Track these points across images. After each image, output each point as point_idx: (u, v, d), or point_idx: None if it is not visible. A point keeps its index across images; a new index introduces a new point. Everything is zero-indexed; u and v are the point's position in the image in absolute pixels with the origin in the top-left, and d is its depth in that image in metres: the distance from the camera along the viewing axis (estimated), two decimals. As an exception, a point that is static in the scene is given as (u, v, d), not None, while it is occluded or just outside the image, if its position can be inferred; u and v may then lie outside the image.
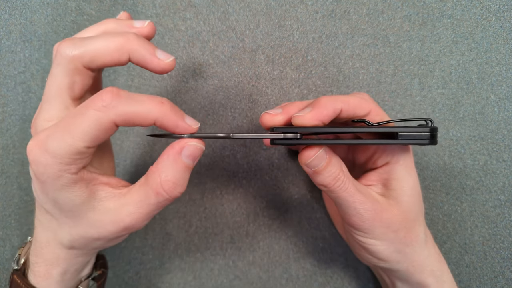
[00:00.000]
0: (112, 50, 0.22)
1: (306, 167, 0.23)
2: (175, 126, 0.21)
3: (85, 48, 0.21)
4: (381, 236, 0.25)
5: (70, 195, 0.21)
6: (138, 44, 0.22)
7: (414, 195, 0.26)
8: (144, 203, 0.22)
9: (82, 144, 0.20)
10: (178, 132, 0.22)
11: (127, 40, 0.22)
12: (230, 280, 0.35)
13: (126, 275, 0.36)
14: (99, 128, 0.20)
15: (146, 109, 0.20)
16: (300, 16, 0.36)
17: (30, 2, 0.37)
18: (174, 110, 0.21)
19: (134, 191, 0.22)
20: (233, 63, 0.36)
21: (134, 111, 0.20)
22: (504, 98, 0.35)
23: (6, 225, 0.36)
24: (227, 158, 0.36)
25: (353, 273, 0.35)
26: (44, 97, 0.23)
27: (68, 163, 0.20)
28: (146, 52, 0.22)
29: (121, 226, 0.22)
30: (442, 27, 0.35)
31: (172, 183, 0.21)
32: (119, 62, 0.22)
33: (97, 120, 0.19)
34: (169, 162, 0.22)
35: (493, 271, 0.34)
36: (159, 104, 0.21)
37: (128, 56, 0.22)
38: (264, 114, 0.24)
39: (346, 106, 0.23)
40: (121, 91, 0.20)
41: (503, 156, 0.34)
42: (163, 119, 0.21)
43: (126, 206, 0.22)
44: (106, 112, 0.19)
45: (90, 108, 0.20)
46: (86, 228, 0.22)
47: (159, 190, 0.21)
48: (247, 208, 0.36)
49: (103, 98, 0.20)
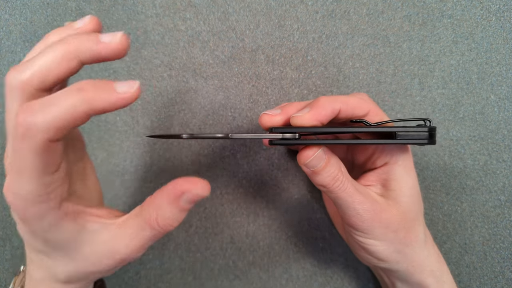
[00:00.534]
0: (58, 60, 0.19)
1: (305, 167, 0.23)
2: (111, 105, 0.18)
3: (30, 71, 0.19)
4: (381, 237, 0.25)
5: (59, 233, 0.20)
6: (79, 41, 0.19)
7: (413, 195, 0.26)
8: (139, 235, 0.22)
9: (39, 174, 0.18)
10: (119, 106, 0.18)
11: (69, 44, 0.19)
12: (230, 280, 0.35)
13: (126, 275, 0.36)
14: (39, 154, 0.17)
15: (69, 108, 0.17)
16: (300, 16, 0.36)
17: (30, 2, 0.37)
18: (98, 87, 0.18)
19: (129, 222, 0.22)
20: (233, 63, 0.36)
21: (55, 117, 0.17)
22: (504, 98, 0.35)
23: (6, 225, 0.36)
24: (227, 158, 0.36)
25: (353, 273, 0.35)
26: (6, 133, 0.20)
27: (43, 200, 0.19)
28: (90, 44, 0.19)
29: (118, 258, 0.22)
30: (442, 27, 0.35)
31: (169, 221, 0.21)
32: (71, 70, 0.19)
33: (30, 149, 0.17)
34: (168, 201, 0.21)
35: (493, 271, 0.34)
36: (78, 92, 0.17)
37: (78, 59, 0.19)
38: (263, 114, 0.24)
39: (345, 106, 0.23)
40: (31, 104, 0.17)
41: (503, 156, 0.34)
42: (92, 105, 0.17)
43: (121, 238, 0.21)
44: (31, 137, 0.17)
45: (18, 141, 0.17)
46: (81, 263, 0.22)
47: (154, 225, 0.21)
48: (247, 208, 0.36)
49: (19, 122, 0.17)
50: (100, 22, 0.21)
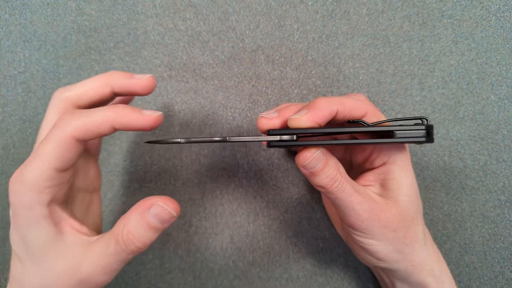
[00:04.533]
0: (95, 86, 0.24)
1: (303, 169, 0.23)
2: (134, 120, 0.21)
3: (73, 90, 0.24)
4: (380, 236, 0.25)
5: (38, 230, 0.21)
6: (117, 75, 0.24)
7: (412, 194, 0.26)
8: (104, 253, 0.21)
9: (48, 165, 0.20)
10: (143, 126, 0.22)
11: (109, 75, 0.24)
12: (230, 280, 0.35)
13: (126, 275, 0.36)
14: (62, 145, 0.20)
15: (100, 116, 0.21)
16: (300, 16, 0.36)
17: (30, 2, 0.37)
18: (129, 108, 0.22)
19: (100, 239, 0.22)
20: (233, 63, 0.36)
21: (89, 121, 0.21)
22: (504, 98, 0.35)
23: (6, 225, 0.36)
24: (227, 158, 0.36)
25: (353, 273, 0.35)
26: (37, 138, 0.24)
27: (38, 190, 0.20)
28: (124, 77, 0.24)
29: (77, 277, 0.21)
30: (442, 27, 0.35)
31: (132, 236, 0.21)
32: (104, 96, 0.24)
33: (58, 138, 0.20)
34: (136, 215, 0.22)
35: (493, 271, 0.34)
36: (112, 107, 0.21)
37: (110, 87, 0.24)
38: (260, 117, 0.24)
39: (342, 107, 0.23)
40: (78, 110, 0.22)
41: (503, 156, 0.34)
42: (120, 118, 0.21)
43: (88, 255, 0.21)
44: (63, 128, 0.20)
45: (51, 130, 0.21)
46: (45, 277, 0.21)
47: (118, 238, 0.21)
48: (247, 208, 0.36)
49: (61, 117, 0.21)
50: (156, 82, 0.26)
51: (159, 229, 0.22)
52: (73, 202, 0.25)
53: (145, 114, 0.22)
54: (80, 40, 0.36)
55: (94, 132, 0.21)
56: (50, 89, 0.36)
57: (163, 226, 0.22)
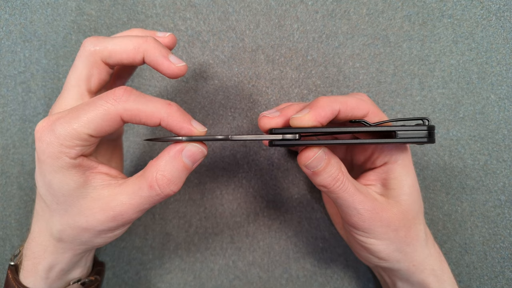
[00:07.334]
0: (129, 49, 0.23)
1: (305, 168, 0.23)
2: (180, 128, 0.22)
3: (105, 45, 0.23)
4: (382, 236, 0.25)
5: (65, 178, 0.21)
6: (154, 46, 0.23)
7: (413, 193, 0.26)
8: (136, 195, 0.22)
9: (86, 130, 0.20)
10: (183, 134, 0.22)
11: (144, 41, 0.23)
12: (230, 280, 0.35)
13: (126, 275, 0.36)
14: (105, 118, 0.21)
15: (153, 108, 0.21)
16: (300, 16, 0.36)
17: (30, 2, 0.37)
18: (181, 112, 0.22)
19: (130, 182, 0.22)
20: (233, 63, 0.36)
21: (141, 108, 0.21)
22: (504, 98, 0.35)
23: (6, 225, 0.36)
24: (227, 158, 0.36)
25: (353, 273, 0.35)
26: (64, 86, 0.24)
27: (69, 146, 0.21)
28: (159, 53, 0.23)
29: (111, 215, 0.22)
30: (442, 27, 0.35)
31: (167, 180, 0.22)
32: (134, 60, 0.23)
33: (104, 110, 0.20)
34: (169, 158, 0.22)
35: (493, 271, 0.34)
36: (166, 105, 0.21)
37: (142, 55, 0.23)
38: (262, 116, 0.24)
39: (344, 107, 0.23)
40: (133, 90, 0.21)
41: (503, 156, 0.34)
42: (169, 119, 0.21)
43: (119, 195, 0.22)
44: (114, 105, 0.21)
45: (101, 99, 0.21)
46: (75, 216, 0.22)
47: (153, 184, 0.21)
48: (247, 208, 0.36)
49: (115, 92, 0.21)
50: (176, 40, 0.27)
51: (190, 170, 0.23)
52: (99, 150, 0.27)
53: (193, 124, 0.22)
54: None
55: (140, 120, 0.21)
56: (50, 89, 0.36)
57: (193, 167, 0.23)
